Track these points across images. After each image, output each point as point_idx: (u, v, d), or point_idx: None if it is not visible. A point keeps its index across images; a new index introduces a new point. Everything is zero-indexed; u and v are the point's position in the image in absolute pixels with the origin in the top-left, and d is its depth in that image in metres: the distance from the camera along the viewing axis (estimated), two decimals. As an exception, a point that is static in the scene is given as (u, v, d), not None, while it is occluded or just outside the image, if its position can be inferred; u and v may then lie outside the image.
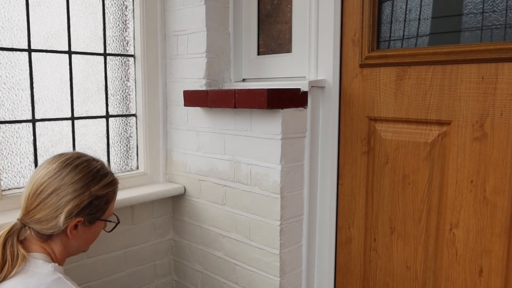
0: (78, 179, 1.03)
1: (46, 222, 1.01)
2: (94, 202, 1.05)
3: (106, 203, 1.09)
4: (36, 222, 1.02)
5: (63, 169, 1.03)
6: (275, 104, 1.28)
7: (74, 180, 1.02)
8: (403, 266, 1.29)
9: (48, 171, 1.03)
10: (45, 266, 0.99)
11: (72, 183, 1.02)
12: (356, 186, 1.38)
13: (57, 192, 1.01)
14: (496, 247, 1.11)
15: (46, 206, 1.01)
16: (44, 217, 1.01)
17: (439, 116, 1.18)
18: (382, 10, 1.29)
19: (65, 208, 1.01)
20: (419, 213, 1.24)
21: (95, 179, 1.06)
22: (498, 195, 1.09)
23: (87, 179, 1.04)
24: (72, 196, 1.02)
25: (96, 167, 1.08)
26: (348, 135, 1.38)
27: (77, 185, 1.02)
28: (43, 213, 1.01)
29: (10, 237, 1.00)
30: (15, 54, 1.41)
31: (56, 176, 1.02)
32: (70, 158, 1.06)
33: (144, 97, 1.72)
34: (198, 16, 1.58)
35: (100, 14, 1.62)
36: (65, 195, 1.01)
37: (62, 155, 1.08)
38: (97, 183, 1.06)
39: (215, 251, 1.60)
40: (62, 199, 1.01)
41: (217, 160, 1.54)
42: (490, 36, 1.11)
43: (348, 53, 1.35)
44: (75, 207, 1.02)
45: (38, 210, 1.01)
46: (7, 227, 1.02)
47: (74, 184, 1.02)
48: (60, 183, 1.01)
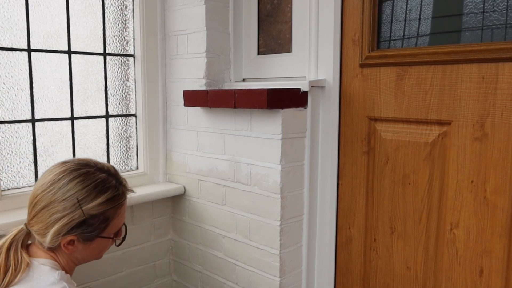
0: (70, 196, 0.95)
1: (40, 236, 0.98)
2: (88, 221, 0.97)
3: (104, 221, 1.00)
4: (35, 232, 0.99)
5: (56, 183, 0.96)
6: (275, 104, 1.27)
7: (65, 197, 0.95)
8: (404, 266, 1.29)
9: (45, 182, 0.97)
10: (51, 274, 0.95)
11: (63, 200, 0.95)
12: (356, 186, 1.37)
13: (48, 208, 0.95)
14: (496, 247, 1.11)
15: (39, 220, 0.97)
16: (39, 230, 0.97)
17: (439, 116, 1.18)
18: (383, 10, 1.29)
19: (53, 227, 0.95)
20: (420, 213, 1.24)
21: (89, 196, 0.96)
22: (498, 195, 1.09)
23: (79, 196, 0.95)
24: (61, 214, 0.94)
25: (96, 181, 0.98)
26: (348, 135, 1.38)
27: (68, 203, 0.95)
28: (38, 226, 0.97)
29: (15, 242, 0.97)
30: (15, 54, 1.41)
31: (49, 190, 0.96)
32: (67, 170, 0.98)
33: (144, 97, 1.72)
34: (198, 16, 1.58)
35: (100, 14, 1.61)
36: (54, 213, 0.95)
37: (64, 163, 1.00)
38: (92, 201, 0.96)
39: (215, 251, 1.60)
40: (51, 216, 0.95)
41: (217, 160, 1.53)
42: (490, 36, 1.10)
43: (348, 53, 1.35)
44: (63, 227, 0.95)
45: (34, 222, 0.98)
46: (13, 232, 0.99)
47: (64, 202, 0.94)
48: (52, 199, 0.95)
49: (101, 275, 1.58)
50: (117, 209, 1.02)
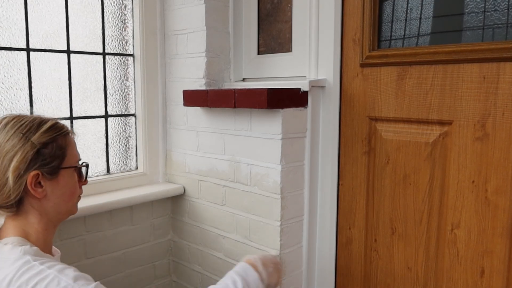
0: (13, 134, 0.93)
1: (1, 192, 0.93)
2: (42, 150, 0.95)
3: (60, 148, 0.99)
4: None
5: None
6: (275, 104, 1.27)
7: (8, 137, 0.93)
8: (404, 267, 1.29)
9: None
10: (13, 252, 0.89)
11: (8, 140, 0.93)
12: (356, 186, 1.37)
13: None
14: (497, 248, 1.10)
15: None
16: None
17: (440, 116, 1.17)
18: (383, 9, 1.29)
19: (9, 167, 0.91)
20: (420, 213, 1.23)
21: (31, 128, 0.95)
22: (499, 195, 1.09)
23: (22, 131, 0.94)
24: (13, 152, 0.92)
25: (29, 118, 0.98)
26: (349, 135, 1.37)
27: (14, 140, 0.93)
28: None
29: None
30: (14, 54, 1.40)
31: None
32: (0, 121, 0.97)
33: (144, 96, 1.71)
34: (198, 15, 1.57)
35: (99, 13, 1.61)
36: (5, 154, 0.92)
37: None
38: (36, 131, 0.96)
39: (214, 252, 1.59)
40: (3, 159, 0.92)
41: (217, 160, 1.53)
42: (491, 36, 1.10)
43: (348, 53, 1.34)
44: (20, 162, 0.92)
45: None
46: None
47: (10, 141, 0.93)
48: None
49: (100, 276, 1.57)
50: (65, 137, 1.01)
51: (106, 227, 1.57)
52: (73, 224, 1.46)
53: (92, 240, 1.54)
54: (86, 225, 1.51)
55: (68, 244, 1.46)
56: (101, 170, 1.66)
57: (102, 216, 1.55)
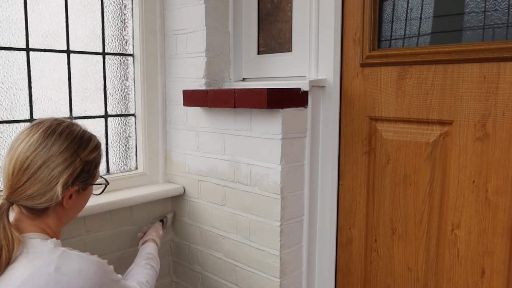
0: (66, 148, 0.98)
1: (39, 196, 0.96)
2: (85, 168, 1.02)
3: (95, 167, 1.06)
4: (28, 198, 0.96)
5: (47, 139, 0.97)
6: (275, 104, 1.27)
7: (62, 149, 0.97)
8: (405, 267, 1.28)
9: (31, 144, 0.96)
10: (45, 244, 0.96)
11: (61, 152, 0.97)
12: (357, 187, 1.37)
13: (47, 164, 0.96)
14: (498, 248, 1.10)
15: (37, 180, 0.95)
16: (36, 191, 0.96)
17: (440, 116, 1.17)
18: (383, 9, 1.28)
19: (60, 179, 0.96)
20: (421, 213, 1.23)
21: (82, 144, 1.02)
22: (500, 195, 1.09)
23: (75, 146, 1.00)
24: (64, 166, 0.97)
25: (79, 132, 1.03)
26: (349, 135, 1.37)
27: (67, 154, 0.98)
28: (35, 188, 0.95)
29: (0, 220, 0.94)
30: (13, 53, 1.40)
31: (42, 147, 0.96)
32: (51, 126, 1.00)
33: (143, 96, 1.71)
34: (198, 15, 1.57)
35: (99, 13, 1.61)
36: (56, 166, 0.96)
37: (40, 123, 1.01)
38: (85, 148, 1.02)
39: (214, 252, 1.59)
40: (54, 171, 0.96)
41: (217, 160, 1.53)
42: (492, 35, 1.10)
43: (349, 52, 1.34)
44: (69, 177, 0.98)
45: (28, 186, 0.96)
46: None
47: (63, 153, 0.97)
48: (48, 155, 0.96)
49: (100, 276, 1.57)
50: (101, 155, 1.10)
51: (106, 227, 1.57)
52: (73, 224, 1.46)
53: (92, 240, 1.53)
54: (86, 225, 1.51)
55: (68, 244, 1.46)
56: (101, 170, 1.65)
57: (102, 216, 1.55)
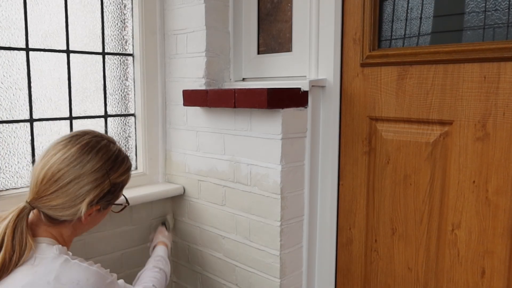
0: (99, 167, 0.99)
1: (62, 209, 0.97)
2: (112, 189, 1.03)
3: (121, 189, 1.08)
4: (50, 208, 0.98)
5: (83, 156, 0.98)
6: (275, 104, 1.27)
7: (95, 168, 0.99)
8: (405, 267, 1.28)
9: (67, 156, 0.97)
10: (49, 250, 0.96)
11: (93, 171, 0.98)
12: (357, 187, 1.37)
13: (77, 181, 0.97)
14: (498, 248, 1.10)
15: (64, 194, 0.96)
16: (61, 205, 0.97)
17: (440, 116, 1.17)
18: (383, 9, 1.28)
19: (86, 198, 0.98)
20: (421, 213, 1.23)
21: (114, 166, 1.03)
22: (500, 195, 1.08)
23: (107, 167, 1.01)
24: (93, 185, 0.98)
25: (115, 152, 1.05)
26: (349, 135, 1.37)
27: (98, 174, 0.99)
28: (60, 200, 0.97)
29: (20, 223, 0.95)
30: (13, 53, 1.40)
31: (76, 163, 0.97)
32: (90, 142, 1.01)
33: (143, 96, 1.71)
34: (198, 15, 1.57)
35: (99, 13, 1.60)
36: (85, 184, 0.97)
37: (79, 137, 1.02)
38: (116, 171, 1.04)
39: (214, 252, 1.59)
40: (82, 188, 0.97)
41: (217, 160, 1.52)
42: (492, 35, 1.10)
43: (349, 52, 1.34)
44: (95, 196, 0.99)
45: (54, 197, 0.97)
46: (14, 211, 0.96)
47: (95, 173, 0.99)
48: (81, 172, 0.97)
49: (100, 276, 1.56)
50: (129, 177, 1.11)
51: (105, 228, 1.57)
52: (72, 224, 1.46)
53: (92, 241, 1.53)
54: (85, 225, 1.51)
55: (67, 244, 1.46)
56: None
57: (102, 216, 1.55)
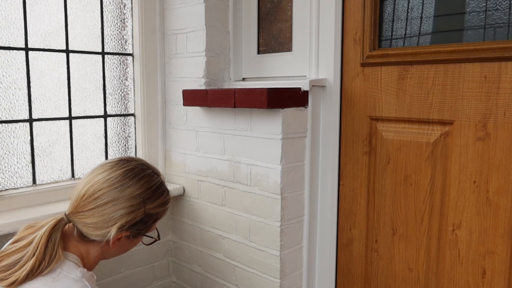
0: (138, 195, 1.01)
1: (94, 229, 0.99)
2: (144, 219, 1.03)
3: (154, 221, 1.08)
4: (84, 225, 0.99)
5: (126, 180, 1.01)
6: (275, 104, 1.26)
7: (134, 195, 1.00)
8: (405, 267, 1.28)
9: (110, 178, 1.00)
10: (74, 270, 0.96)
11: (131, 197, 1.00)
12: (357, 187, 1.36)
13: (114, 203, 0.99)
14: (499, 249, 1.10)
15: (99, 213, 0.98)
16: (94, 224, 0.99)
17: (441, 116, 1.17)
18: (384, 8, 1.28)
19: (118, 221, 0.99)
20: (421, 214, 1.23)
21: (152, 197, 1.04)
22: (501, 195, 1.08)
23: (145, 196, 1.02)
24: (128, 210, 1.00)
25: (156, 183, 1.06)
26: (349, 135, 1.37)
27: (135, 201, 1.00)
28: (94, 219, 0.98)
29: (55, 233, 0.96)
30: (12, 53, 1.40)
31: (117, 186, 1.00)
32: (135, 169, 1.03)
33: (143, 96, 1.70)
34: (198, 14, 1.57)
35: (98, 13, 1.60)
36: (120, 208, 0.99)
37: (126, 162, 1.05)
38: (153, 202, 1.04)
39: (214, 253, 1.59)
40: (117, 211, 0.99)
41: (217, 161, 1.52)
42: (493, 35, 1.09)
43: (349, 52, 1.34)
44: (127, 222, 1.00)
45: (89, 215, 0.99)
46: (52, 221, 0.98)
47: (132, 199, 1.00)
48: (120, 195, 0.99)
49: (100, 277, 1.56)
50: (165, 212, 1.10)
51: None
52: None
53: (91, 241, 1.53)
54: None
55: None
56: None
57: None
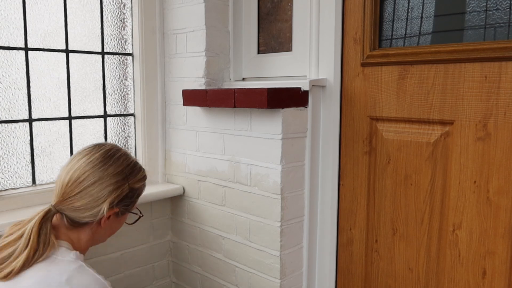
0: (120, 171, 1.07)
1: (84, 210, 1.03)
2: (130, 194, 1.10)
3: (137, 196, 1.14)
4: (74, 209, 1.03)
5: (106, 159, 1.06)
6: (275, 104, 1.26)
7: (116, 172, 1.06)
8: (405, 267, 1.28)
9: (91, 160, 1.05)
10: (68, 254, 1.01)
11: (115, 174, 1.06)
12: (357, 187, 1.36)
13: (100, 182, 1.04)
14: (499, 249, 1.09)
15: (88, 195, 1.03)
16: (84, 205, 1.03)
17: (441, 116, 1.16)
18: (384, 8, 1.28)
19: (107, 198, 1.04)
20: (422, 214, 1.23)
21: (133, 173, 1.10)
22: (501, 195, 1.08)
23: (127, 172, 1.09)
24: (114, 186, 1.05)
25: (133, 160, 1.13)
26: (350, 135, 1.36)
27: (119, 177, 1.06)
28: (83, 201, 1.03)
29: (45, 223, 1.00)
30: (12, 53, 1.39)
31: (100, 166, 1.05)
32: (111, 150, 1.10)
33: (143, 96, 1.70)
34: (197, 14, 1.56)
35: (98, 12, 1.60)
36: (107, 186, 1.04)
37: (102, 145, 1.10)
38: (135, 176, 1.11)
39: (214, 253, 1.58)
40: (105, 189, 1.04)
41: (217, 161, 1.52)
42: (493, 35, 1.09)
43: (349, 52, 1.34)
44: (116, 198, 1.06)
45: (78, 198, 1.02)
46: (40, 213, 1.01)
47: (116, 176, 1.06)
48: (104, 173, 1.04)
49: (99, 277, 1.56)
50: (144, 187, 1.17)
51: (105, 228, 1.56)
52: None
53: (91, 241, 1.53)
54: (85, 226, 1.50)
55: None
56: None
57: (101, 217, 1.54)
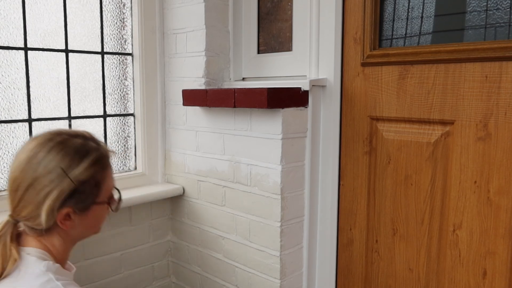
0: (53, 167, 0.88)
1: (32, 219, 0.90)
2: (79, 189, 0.90)
3: (96, 185, 0.94)
4: (24, 219, 0.91)
5: (34, 158, 0.88)
6: (275, 104, 1.26)
7: (48, 169, 0.88)
8: (406, 268, 1.28)
9: (20, 163, 0.89)
10: (37, 266, 0.88)
11: (47, 173, 0.88)
12: (357, 187, 1.36)
13: (33, 187, 0.88)
14: (500, 249, 1.09)
15: (27, 203, 0.89)
16: (29, 214, 0.90)
17: (442, 116, 1.16)
18: (384, 8, 1.28)
19: (44, 204, 0.88)
20: (422, 214, 1.22)
21: (73, 163, 0.90)
22: (502, 196, 1.08)
23: (63, 165, 0.88)
24: (49, 188, 0.88)
25: (74, 146, 0.91)
26: (350, 135, 1.36)
27: (53, 175, 0.88)
28: (27, 210, 0.90)
29: (3, 237, 0.90)
30: (11, 53, 1.39)
31: (28, 167, 0.88)
32: (41, 143, 0.91)
33: (142, 96, 1.70)
34: (197, 14, 1.56)
35: (98, 12, 1.60)
36: (42, 189, 0.88)
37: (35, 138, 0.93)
38: (77, 167, 0.90)
39: (214, 253, 1.58)
40: (39, 193, 0.88)
41: (217, 161, 1.52)
42: (494, 34, 1.09)
43: (349, 52, 1.33)
44: (55, 201, 0.88)
45: (21, 208, 0.90)
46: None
47: (49, 174, 0.88)
48: (34, 175, 0.88)
49: (99, 277, 1.56)
50: (105, 171, 0.96)
51: (104, 228, 1.56)
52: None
53: (91, 241, 1.52)
54: (84, 226, 1.50)
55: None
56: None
57: (101, 217, 1.54)
